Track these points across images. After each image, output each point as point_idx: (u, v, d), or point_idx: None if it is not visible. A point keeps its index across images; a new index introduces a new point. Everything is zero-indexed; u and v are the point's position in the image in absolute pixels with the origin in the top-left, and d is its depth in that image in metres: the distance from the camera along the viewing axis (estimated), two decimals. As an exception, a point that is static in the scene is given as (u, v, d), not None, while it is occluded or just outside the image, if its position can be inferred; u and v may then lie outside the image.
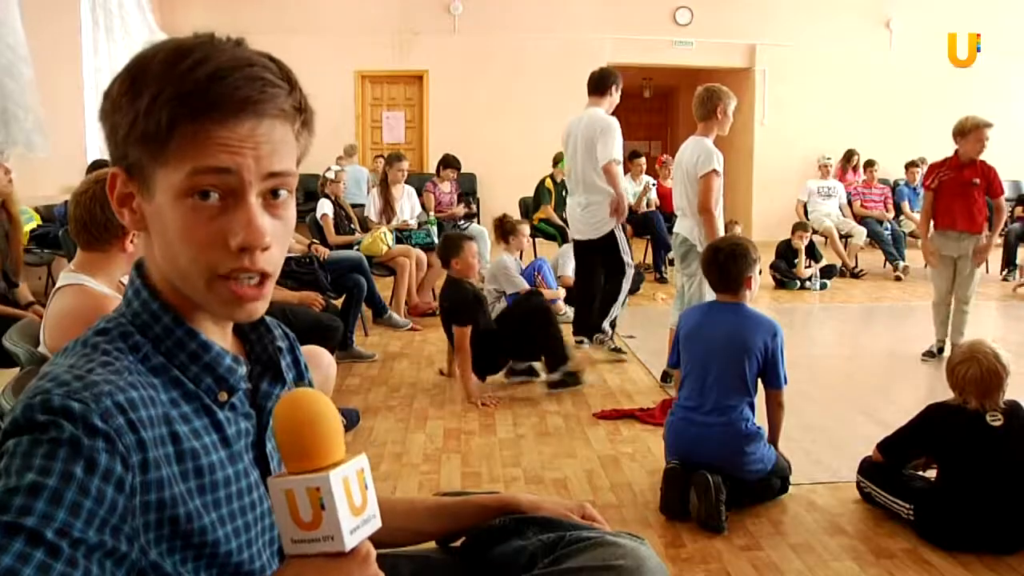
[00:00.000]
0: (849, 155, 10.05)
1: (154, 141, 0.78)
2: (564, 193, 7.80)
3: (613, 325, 4.96)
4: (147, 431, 0.76)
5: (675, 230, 4.40)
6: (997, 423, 2.57)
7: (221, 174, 0.78)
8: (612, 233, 4.81)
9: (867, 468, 2.88)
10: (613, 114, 4.85)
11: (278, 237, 0.84)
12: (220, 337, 0.90)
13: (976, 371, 2.61)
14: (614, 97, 4.90)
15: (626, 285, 4.90)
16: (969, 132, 4.80)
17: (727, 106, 4.18)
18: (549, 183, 7.88)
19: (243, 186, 0.79)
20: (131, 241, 2.01)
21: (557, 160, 7.84)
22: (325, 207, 6.06)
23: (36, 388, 0.75)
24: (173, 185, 0.79)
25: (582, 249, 5.10)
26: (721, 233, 4.11)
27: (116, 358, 0.81)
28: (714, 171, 4.07)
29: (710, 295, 3.82)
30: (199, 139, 0.78)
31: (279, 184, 0.83)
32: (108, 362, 0.80)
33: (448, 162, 7.65)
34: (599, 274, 4.98)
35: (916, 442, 2.76)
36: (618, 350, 4.95)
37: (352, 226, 6.33)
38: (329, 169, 6.44)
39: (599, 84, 4.88)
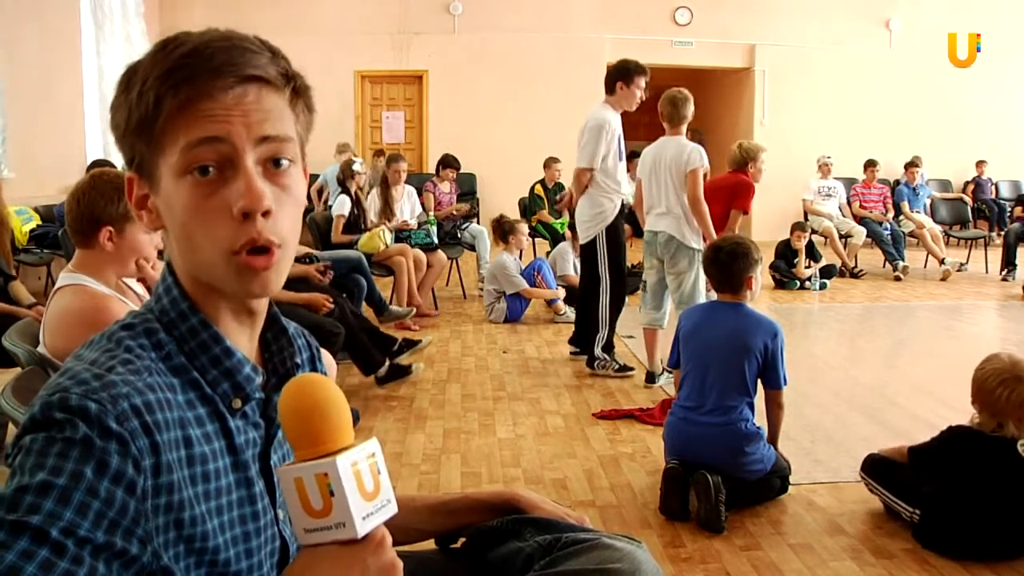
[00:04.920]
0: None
1: (147, 126, 0.80)
2: (558, 196, 7.81)
3: (608, 348, 4.56)
4: (162, 434, 0.77)
5: (655, 229, 4.28)
6: None
7: (213, 143, 0.79)
8: (594, 240, 4.48)
9: (871, 465, 2.85)
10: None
11: (283, 206, 0.83)
12: (245, 342, 0.90)
13: (1023, 393, 2.45)
14: (623, 95, 4.44)
15: (604, 303, 4.48)
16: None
17: (691, 111, 4.31)
18: (539, 189, 7.85)
19: (237, 153, 0.80)
20: (109, 239, 1.99)
21: (547, 164, 7.84)
22: (344, 207, 6.03)
23: (56, 385, 0.75)
24: (172, 167, 0.80)
25: (581, 253, 4.78)
26: (710, 225, 4.18)
27: (138, 356, 0.81)
28: (703, 166, 4.17)
29: (703, 292, 3.86)
30: (186, 113, 0.78)
31: (276, 151, 0.82)
32: (129, 360, 0.80)
33: (447, 162, 7.65)
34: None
35: (942, 461, 2.63)
36: (624, 368, 4.56)
37: (363, 225, 6.29)
38: (354, 162, 6.39)
39: (606, 81, 4.54)
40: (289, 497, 0.76)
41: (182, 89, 0.78)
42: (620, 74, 4.45)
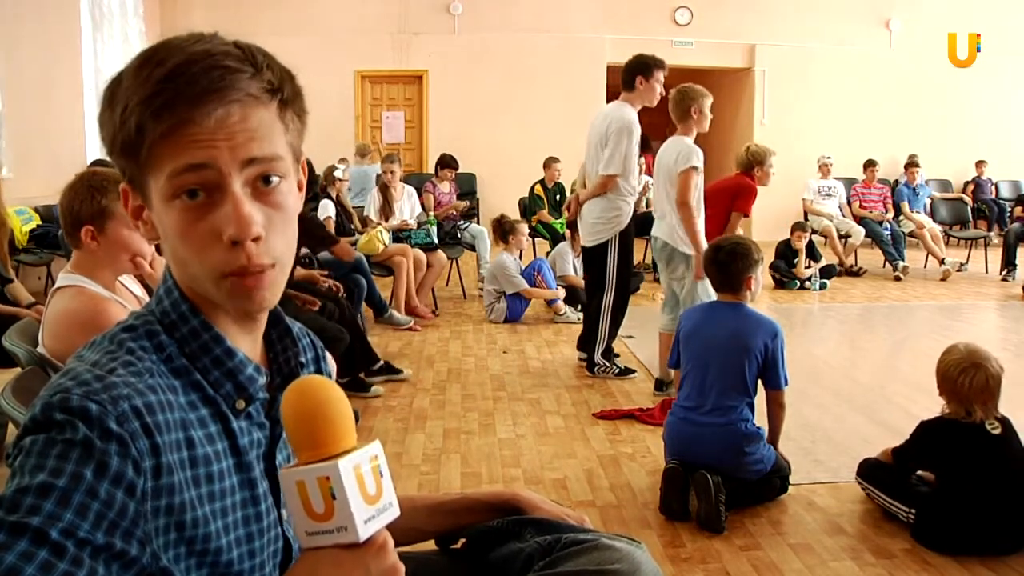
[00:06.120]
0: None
1: (132, 151, 0.79)
2: (558, 196, 7.82)
3: (607, 354, 4.54)
4: (162, 436, 0.76)
5: (654, 234, 4.25)
6: (996, 431, 2.54)
7: (198, 170, 0.78)
8: (605, 244, 4.38)
9: (866, 469, 2.87)
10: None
11: (274, 225, 0.82)
12: (248, 344, 0.90)
13: (982, 379, 2.55)
14: (643, 89, 4.29)
15: (606, 308, 4.41)
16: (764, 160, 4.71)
17: (702, 105, 4.12)
18: (539, 189, 7.84)
19: (223, 178, 0.78)
20: (92, 239, 1.99)
21: (547, 164, 7.83)
22: (328, 209, 6.03)
23: (58, 386, 0.75)
24: (160, 190, 0.80)
25: (585, 257, 4.73)
26: (700, 229, 4.01)
27: (139, 358, 0.81)
28: (693, 167, 4.00)
29: (706, 296, 3.81)
30: (170, 140, 0.77)
31: (264, 170, 0.81)
32: (130, 362, 0.80)
33: (445, 162, 7.65)
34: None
35: (921, 456, 2.72)
36: (625, 371, 4.54)
37: (352, 226, 6.32)
38: (336, 168, 6.39)
39: (624, 77, 4.34)
40: (291, 500, 0.75)
41: (163, 118, 0.76)
42: (639, 68, 4.30)
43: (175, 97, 0.76)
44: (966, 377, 2.56)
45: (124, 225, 1.99)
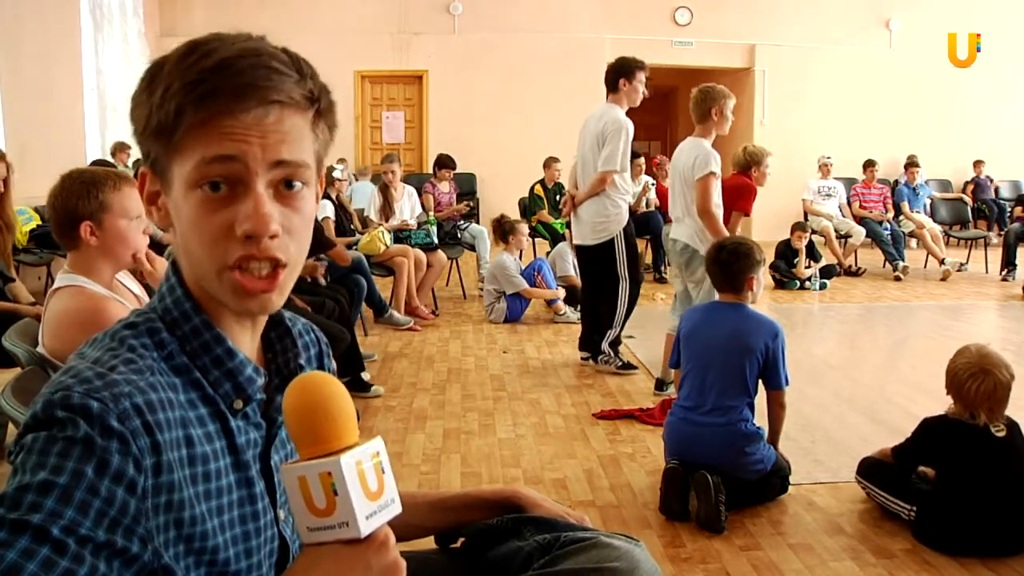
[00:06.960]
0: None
1: (165, 133, 0.79)
2: (558, 196, 7.82)
3: (615, 344, 4.61)
4: (163, 434, 0.77)
5: (673, 236, 4.23)
6: (1001, 434, 2.53)
7: (227, 162, 0.79)
8: (611, 242, 4.47)
9: (866, 468, 2.87)
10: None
11: (292, 228, 0.83)
12: (247, 343, 0.90)
13: (991, 385, 2.53)
14: (628, 91, 4.45)
15: (623, 302, 4.52)
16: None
17: (724, 106, 4.08)
18: (539, 189, 7.83)
19: (249, 175, 0.79)
20: (91, 235, 1.99)
21: (547, 163, 7.83)
22: (327, 209, 6.04)
23: (59, 383, 0.75)
24: (185, 176, 0.80)
25: (581, 256, 4.78)
26: (726, 232, 3.99)
27: (140, 355, 0.81)
28: (712, 173, 3.98)
29: None
30: (206, 128, 0.78)
31: (290, 174, 0.82)
32: (132, 359, 0.80)
33: (443, 162, 7.64)
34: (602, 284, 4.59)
35: (922, 455, 2.72)
36: (627, 366, 4.61)
37: (352, 226, 6.32)
38: (335, 168, 6.39)
39: (608, 80, 4.50)
40: (292, 495, 0.76)
41: (204, 105, 0.77)
42: (622, 71, 4.45)
43: (219, 87, 0.77)
44: (974, 382, 2.54)
45: (121, 216, 2.00)
